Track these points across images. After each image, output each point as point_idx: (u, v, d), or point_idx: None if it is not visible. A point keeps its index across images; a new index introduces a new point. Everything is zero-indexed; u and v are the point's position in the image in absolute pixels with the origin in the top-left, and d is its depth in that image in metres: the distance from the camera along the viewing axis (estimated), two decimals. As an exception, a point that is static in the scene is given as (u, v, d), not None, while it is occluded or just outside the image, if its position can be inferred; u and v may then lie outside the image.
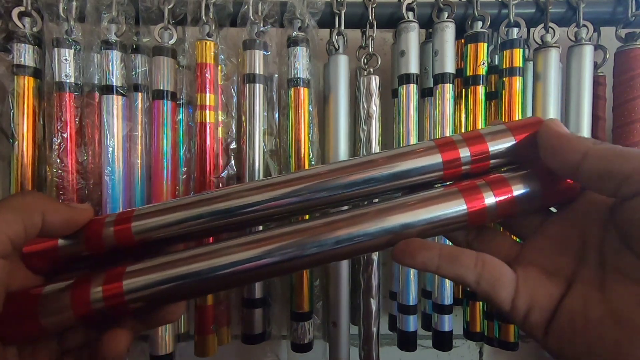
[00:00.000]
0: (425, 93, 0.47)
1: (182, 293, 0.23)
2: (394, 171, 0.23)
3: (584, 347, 0.19)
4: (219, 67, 0.43)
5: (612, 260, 0.20)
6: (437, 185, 0.24)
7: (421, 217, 0.22)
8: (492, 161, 0.24)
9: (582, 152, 0.20)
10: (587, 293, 0.20)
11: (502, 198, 0.23)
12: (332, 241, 0.22)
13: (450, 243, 0.26)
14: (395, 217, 0.23)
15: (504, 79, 0.43)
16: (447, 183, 0.24)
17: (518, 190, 0.23)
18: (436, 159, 0.23)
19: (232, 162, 0.44)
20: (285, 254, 0.22)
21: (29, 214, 0.21)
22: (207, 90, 0.42)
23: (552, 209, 0.25)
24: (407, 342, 0.46)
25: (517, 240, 0.25)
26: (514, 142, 0.23)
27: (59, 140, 0.40)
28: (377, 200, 0.24)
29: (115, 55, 0.40)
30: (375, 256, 0.44)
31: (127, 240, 0.24)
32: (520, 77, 0.43)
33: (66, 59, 0.40)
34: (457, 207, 0.23)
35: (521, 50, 0.42)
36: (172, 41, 0.42)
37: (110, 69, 0.40)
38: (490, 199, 0.23)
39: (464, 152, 0.23)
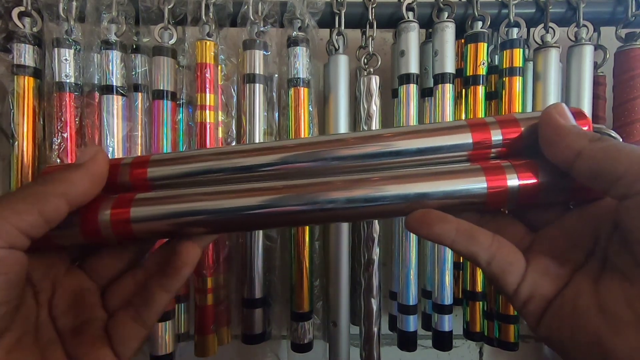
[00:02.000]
0: (425, 93, 0.47)
1: (192, 228, 0.22)
2: (421, 146, 0.23)
3: (569, 333, 0.19)
4: (219, 67, 0.43)
5: (612, 257, 0.20)
6: None
7: (438, 188, 0.22)
8: (522, 148, 0.23)
9: (576, 150, 0.20)
10: (582, 285, 0.20)
11: (526, 182, 0.21)
12: (344, 200, 0.22)
13: None
14: (411, 185, 0.22)
15: (504, 79, 0.43)
16: None
17: (545, 177, 0.22)
18: (466, 138, 0.23)
19: (232, 162, 0.44)
20: (292, 204, 0.22)
21: (46, 201, 0.19)
22: (207, 90, 0.41)
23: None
24: (407, 342, 0.46)
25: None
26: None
27: (59, 140, 0.40)
28: None
29: (115, 55, 0.40)
30: (376, 256, 0.44)
31: (141, 185, 0.24)
32: (520, 77, 0.43)
33: (66, 59, 0.40)
34: (476, 184, 0.22)
35: (521, 50, 0.42)
36: (172, 41, 0.42)
37: (110, 69, 0.40)
38: (513, 182, 0.21)
39: (496, 135, 0.23)
